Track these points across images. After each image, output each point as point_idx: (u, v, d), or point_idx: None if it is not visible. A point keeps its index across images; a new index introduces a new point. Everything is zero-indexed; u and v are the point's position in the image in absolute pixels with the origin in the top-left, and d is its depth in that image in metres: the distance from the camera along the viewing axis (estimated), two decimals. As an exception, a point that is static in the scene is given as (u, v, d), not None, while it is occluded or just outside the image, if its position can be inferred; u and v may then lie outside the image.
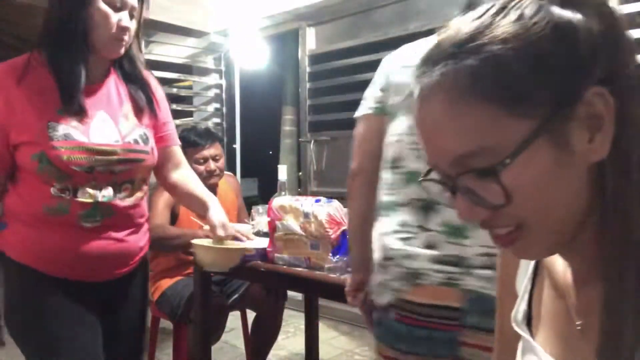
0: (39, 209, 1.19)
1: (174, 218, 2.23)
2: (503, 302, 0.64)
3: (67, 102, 1.18)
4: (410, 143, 1.11)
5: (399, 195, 1.12)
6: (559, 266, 0.53)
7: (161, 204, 2.16)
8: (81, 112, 1.20)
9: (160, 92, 1.43)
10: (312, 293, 2.16)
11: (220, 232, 1.46)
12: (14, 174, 1.23)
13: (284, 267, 1.55)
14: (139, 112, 1.33)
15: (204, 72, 4.02)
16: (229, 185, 2.52)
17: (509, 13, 0.42)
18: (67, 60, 1.19)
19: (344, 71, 3.70)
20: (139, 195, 1.32)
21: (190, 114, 3.98)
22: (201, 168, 2.23)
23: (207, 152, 2.27)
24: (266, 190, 4.19)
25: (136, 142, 1.29)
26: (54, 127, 1.17)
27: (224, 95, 4.03)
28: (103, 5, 1.18)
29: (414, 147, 1.10)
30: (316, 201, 1.55)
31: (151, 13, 1.36)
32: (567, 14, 0.41)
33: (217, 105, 4.02)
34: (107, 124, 1.25)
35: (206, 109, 4.00)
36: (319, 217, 1.48)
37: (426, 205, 1.08)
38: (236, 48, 3.97)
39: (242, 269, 1.63)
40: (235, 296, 2.31)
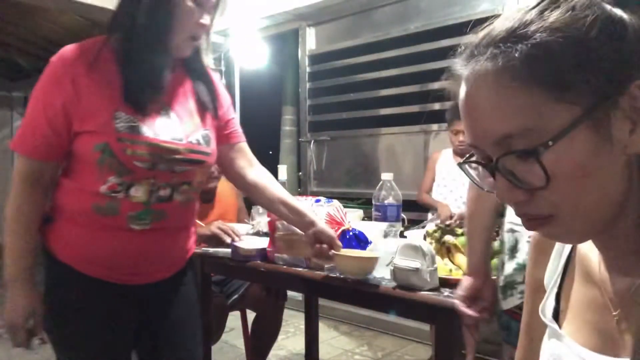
0: (87, 207, 1.14)
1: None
2: (531, 297, 0.66)
3: (133, 96, 1.13)
4: None
5: None
6: (595, 257, 0.54)
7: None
8: (147, 107, 1.15)
9: (222, 90, 1.37)
10: (312, 293, 2.16)
11: (339, 242, 1.35)
12: (68, 166, 1.18)
13: (284, 267, 1.55)
14: (202, 111, 1.27)
15: (204, 72, 4.02)
16: (228, 186, 2.51)
17: (560, 5, 0.44)
18: (139, 53, 1.14)
19: (344, 71, 3.70)
20: (194, 197, 1.28)
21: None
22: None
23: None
24: (266, 190, 4.14)
25: (198, 142, 1.23)
26: (120, 118, 1.11)
27: (224, 95, 4.02)
28: (189, 1, 1.14)
29: None
30: (316, 201, 1.55)
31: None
32: (617, 11, 0.43)
33: (217, 105, 4.01)
34: (172, 121, 1.19)
35: (206, 109, 4.00)
36: (319, 217, 1.48)
37: None
38: (236, 48, 3.96)
39: (242, 269, 1.63)
40: (235, 296, 2.31)
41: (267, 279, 1.69)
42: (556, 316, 0.59)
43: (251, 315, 2.43)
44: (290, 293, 2.57)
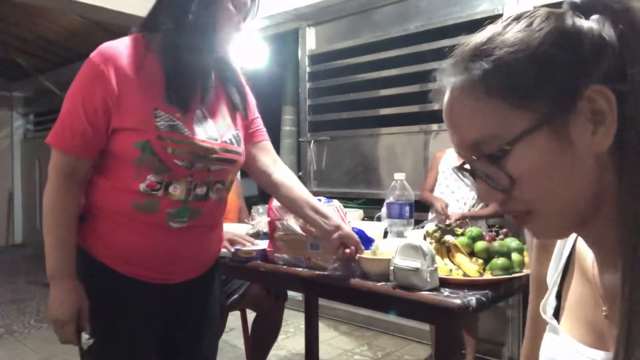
0: (127, 205, 1.14)
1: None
2: (536, 295, 0.69)
3: (177, 95, 1.14)
4: None
5: None
6: (590, 255, 0.57)
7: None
8: (189, 106, 1.16)
9: (248, 90, 1.40)
10: (312, 293, 2.16)
11: (362, 247, 1.36)
12: (104, 164, 1.17)
13: (284, 267, 1.55)
14: (233, 112, 1.30)
15: (204, 72, 4.02)
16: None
17: (520, 21, 0.48)
18: (185, 53, 1.15)
19: (344, 71, 3.70)
20: (225, 197, 1.30)
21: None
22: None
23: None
24: (266, 191, 4.15)
25: (231, 142, 1.25)
26: (161, 116, 1.12)
27: (224, 95, 4.02)
28: (231, 5, 1.17)
29: None
30: (316, 201, 1.55)
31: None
32: (576, 20, 0.46)
33: (217, 105, 4.02)
34: (207, 120, 1.21)
35: (206, 109, 4.00)
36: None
37: None
38: (236, 48, 3.96)
39: (242, 269, 1.63)
40: (235, 296, 2.30)
41: (267, 279, 1.69)
42: (557, 314, 0.62)
43: (251, 315, 2.44)
44: (290, 293, 2.57)
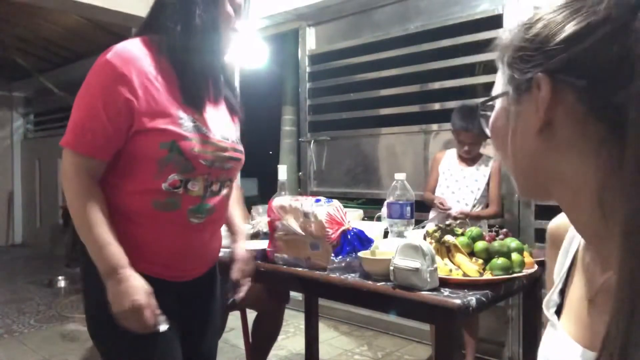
0: (147, 204, 1.14)
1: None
2: (550, 289, 0.72)
3: (193, 96, 1.17)
4: None
5: None
6: (589, 254, 0.59)
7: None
8: (204, 107, 1.19)
9: (237, 90, 1.44)
10: (312, 293, 2.16)
11: (236, 275, 1.42)
12: (120, 164, 1.15)
13: (284, 267, 1.55)
14: (231, 113, 1.33)
15: (204, 72, 4.02)
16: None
17: (521, 25, 0.56)
18: (191, 55, 1.16)
19: (344, 71, 3.70)
20: (230, 194, 1.34)
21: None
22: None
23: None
24: (266, 190, 4.18)
25: (237, 141, 1.30)
26: (183, 117, 1.14)
27: (224, 95, 4.02)
28: (229, 7, 1.19)
29: None
30: (316, 201, 1.54)
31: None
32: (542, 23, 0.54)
33: (217, 105, 4.02)
34: (217, 121, 1.24)
35: (206, 109, 4.00)
36: (319, 217, 1.48)
37: None
38: (236, 48, 3.96)
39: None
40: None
41: (267, 279, 1.69)
42: (559, 310, 0.63)
43: (251, 315, 2.44)
44: (290, 293, 2.57)
